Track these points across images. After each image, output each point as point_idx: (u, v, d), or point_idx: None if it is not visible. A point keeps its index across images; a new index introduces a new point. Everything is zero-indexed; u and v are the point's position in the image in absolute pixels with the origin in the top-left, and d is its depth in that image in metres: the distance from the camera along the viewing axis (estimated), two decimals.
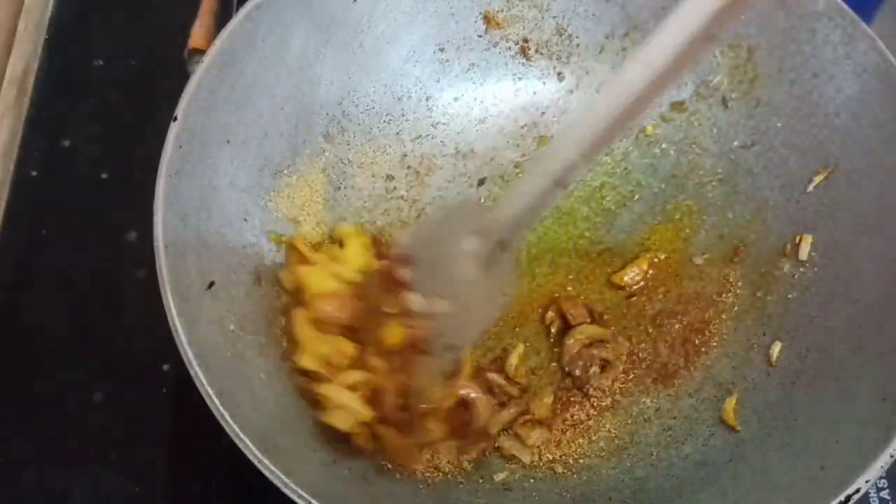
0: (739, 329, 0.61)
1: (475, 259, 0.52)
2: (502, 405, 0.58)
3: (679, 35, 0.41)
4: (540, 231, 0.65)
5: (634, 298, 0.63)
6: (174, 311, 0.47)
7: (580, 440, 0.58)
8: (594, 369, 0.59)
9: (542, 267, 0.64)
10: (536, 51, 0.67)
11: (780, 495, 0.50)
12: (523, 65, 0.67)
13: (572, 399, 0.60)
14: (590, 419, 0.59)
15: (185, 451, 0.59)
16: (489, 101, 0.67)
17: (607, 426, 0.58)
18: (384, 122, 0.65)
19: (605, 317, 0.62)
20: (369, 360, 0.53)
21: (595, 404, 0.59)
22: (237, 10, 0.56)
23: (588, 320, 0.61)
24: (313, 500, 0.44)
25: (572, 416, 0.59)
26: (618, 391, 0.60)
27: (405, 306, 0.53)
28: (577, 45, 0.66)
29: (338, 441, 0.52)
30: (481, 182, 0.67)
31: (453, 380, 0.56)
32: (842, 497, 0.46)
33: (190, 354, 0.46)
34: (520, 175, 0.67)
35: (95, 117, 0.72)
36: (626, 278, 0.63)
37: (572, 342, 0.60)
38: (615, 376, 0.60)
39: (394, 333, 0.53)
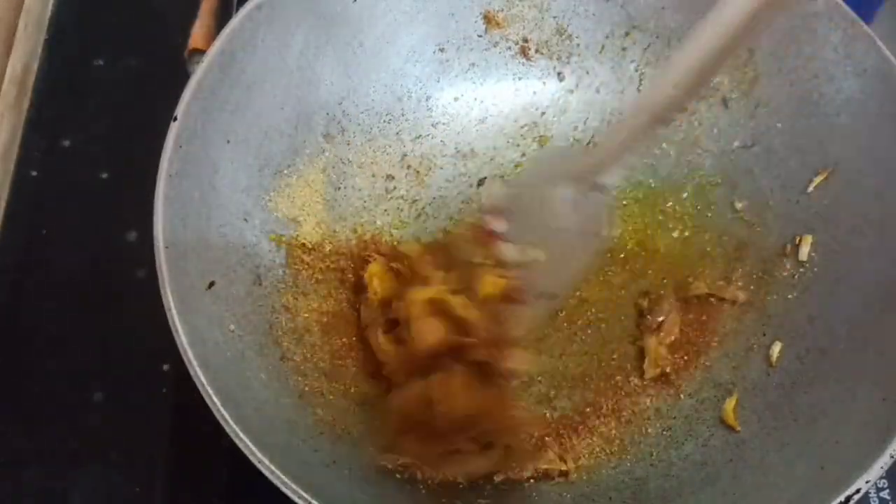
0: (739, 329, 0.61)
1: (570, 204, 0.51)
2: None
3: None
4: None
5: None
6: (174, 311, 0.47)
7: (580, 440, 0.58)
8: None
9: None
10: (536, 51, 0.67)
11: (780, 495, 0.50)
12: (523, 65, 0.67)
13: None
14: (590, 420, 0.59)
15: (185, 451, 0.59)
16: (489, 101, 0.67)
17: (607, 426, 0.58)
18: (384, 122, 0.65)
19: (601, 315, 0.62)
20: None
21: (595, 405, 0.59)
22: (237, 10, 0.56)
23: None
24: (313, 500, 0.44)
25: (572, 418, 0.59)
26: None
27: (499, 257, 0.53)
28: (577, 45, 0.66)
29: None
30: (481, 182, 0.67)
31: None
32: (842, 497, 0.45)
33: (190, 354, 0.46)
34: (520, 174, 0.67)
35: (95, 117, 0.72)
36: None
37: None
38: None
39: (491, 283, 0.52)
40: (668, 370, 0.60)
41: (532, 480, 0.55)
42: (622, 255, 0.65)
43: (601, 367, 0.61)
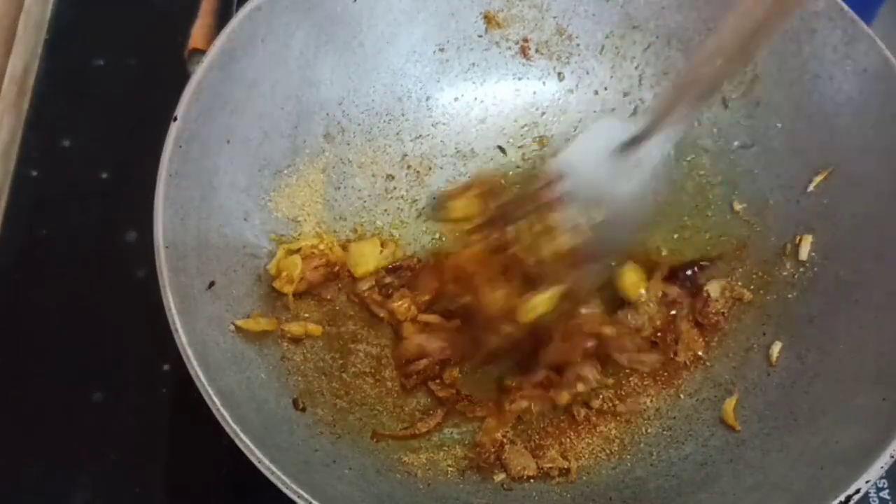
0: (739, 329, 0.61)
1: (625, 170, 0.52)
2: None
3: None
4: None
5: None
6: (174, 311, 0.47)
7: (580, 440, 0.58)
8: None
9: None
10: (536, 51, 0.67)
11: (780, 495, 0.50)
12: (523, 65, 0.67)
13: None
14: (590, 419, 0.59)
15: (185, 451, 0.59)
16: (489, 101, 0.67)
17: (607, 426, 0.58)
18: (384, 122, 0.65)
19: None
20: None
21: (595, 405, 0.59)
22: (237, 10, 0.56)
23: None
24: (313, 500, 0.44)
25: (572, 417, 0.59)
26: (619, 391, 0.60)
27: (562, 220, 0.54)
28: (577, 45, 0.66)
29: None
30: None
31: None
32: (842, 497, 0.46)
33: (190, 354, 0.46)
34: (520, 169, 0.67)
35: (95, 117, 0.72)
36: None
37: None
38: None
39: (562, 242, 0.54)
40: (700, 353, 0.60)
41: (533, 480, 0.55)
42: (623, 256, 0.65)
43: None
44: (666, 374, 0.60)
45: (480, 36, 0.66)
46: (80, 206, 0.68)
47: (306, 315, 0.58)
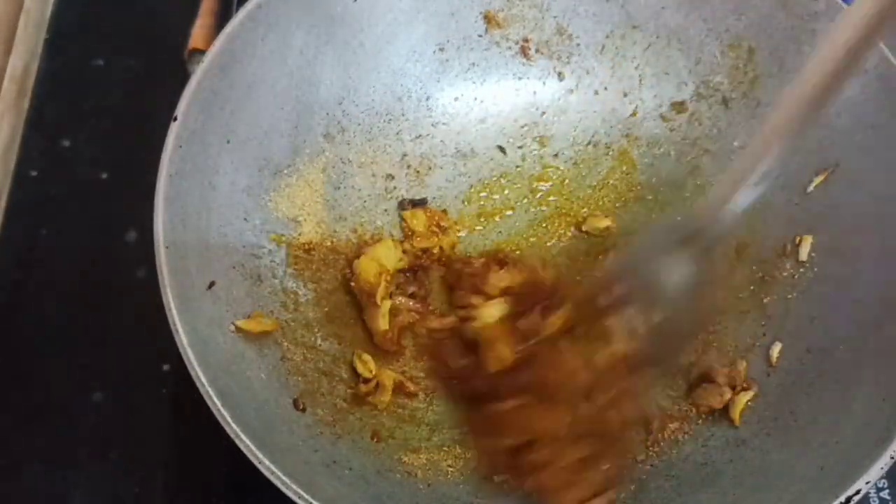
0: (739, 329, 0.61)
1: (686, 266, 0.51)
2: None
3: None
4: (538, 229, 0.66)
5: None
6: (174, 311, 0.47)
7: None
8: None
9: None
10: (537, 50, 0.67)
11: (780, 495, 0.50)
12: (523, 65, 0.67)
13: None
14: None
15: (185, 451, 0.59)
16: (489, 101, 0.67)
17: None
18: (384, 121, 0.65)
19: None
20: None
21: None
22: (237, 10, 0.56)
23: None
24: (313, 501, 0.44)
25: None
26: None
27: (620, 325, 0.53)
28: (578, 44, 0.66)
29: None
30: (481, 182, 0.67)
31: None
32: (842, 497, 0.46)
33: (190, 354, 0.46)
34: (520, 169, 0.67)
35: (95, 117, 0.72)
36: None
37: None
38: None
39: (618, 348, 0.52)
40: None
41: None
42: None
43: None
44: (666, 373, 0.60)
45: (480, 36, 0.66)
46: (80, 206, 0.68)
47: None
